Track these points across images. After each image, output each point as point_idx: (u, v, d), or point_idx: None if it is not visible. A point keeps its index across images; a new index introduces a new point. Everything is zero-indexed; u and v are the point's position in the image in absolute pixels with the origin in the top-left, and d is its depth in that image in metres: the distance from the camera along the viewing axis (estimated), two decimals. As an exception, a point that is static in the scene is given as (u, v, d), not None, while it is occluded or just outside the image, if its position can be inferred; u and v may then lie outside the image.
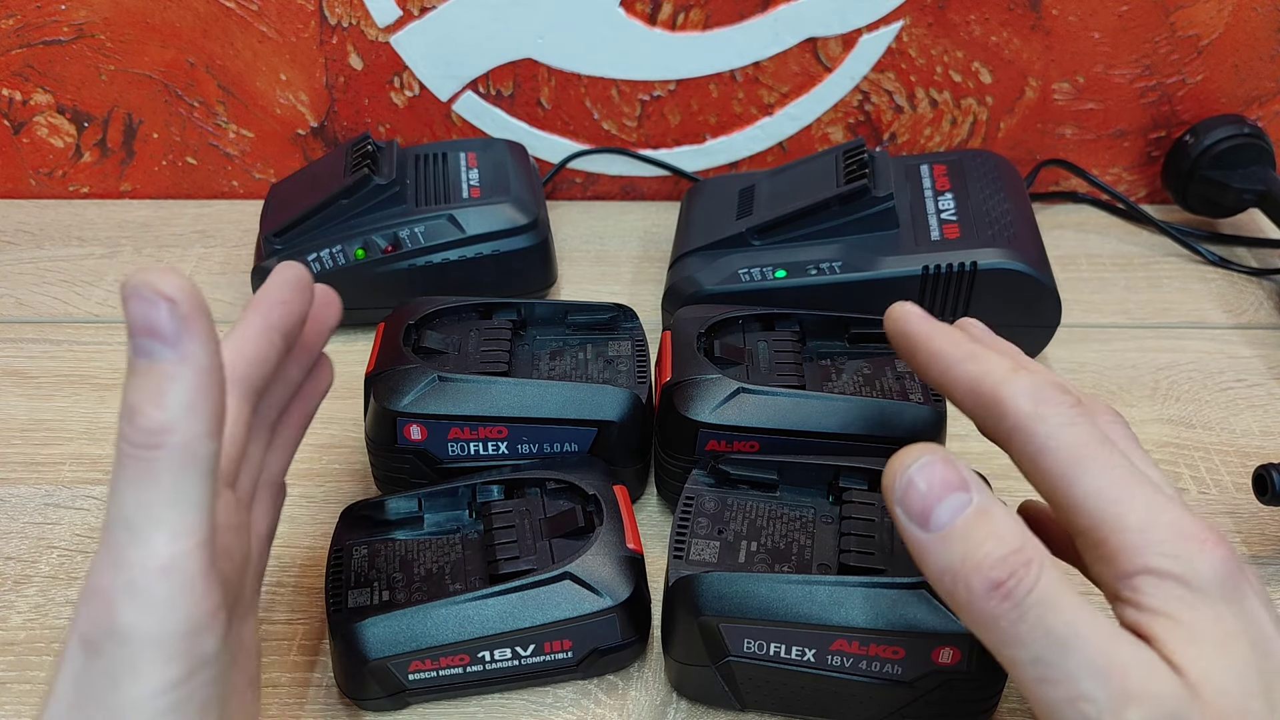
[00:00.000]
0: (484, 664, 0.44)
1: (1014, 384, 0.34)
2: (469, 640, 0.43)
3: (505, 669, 0.45)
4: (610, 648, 0.45)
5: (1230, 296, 0.70)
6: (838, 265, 0.61)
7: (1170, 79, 0.75)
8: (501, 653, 0.44)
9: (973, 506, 0.31)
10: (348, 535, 0.49)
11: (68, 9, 0.73)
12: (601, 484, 0.49)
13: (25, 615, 0.50)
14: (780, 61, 0.75)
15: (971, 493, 0.31)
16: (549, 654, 0.45)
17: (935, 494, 0.31)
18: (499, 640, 0.44)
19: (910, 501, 0.31)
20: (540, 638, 0.44)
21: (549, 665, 0.45)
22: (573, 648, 0.45)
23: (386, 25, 0.74)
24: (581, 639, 0.45)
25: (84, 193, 0.80)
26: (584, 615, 0.44)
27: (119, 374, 0.63)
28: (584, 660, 0.45)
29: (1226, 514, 0.55)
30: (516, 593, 0.44)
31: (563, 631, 0.44)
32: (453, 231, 0.65)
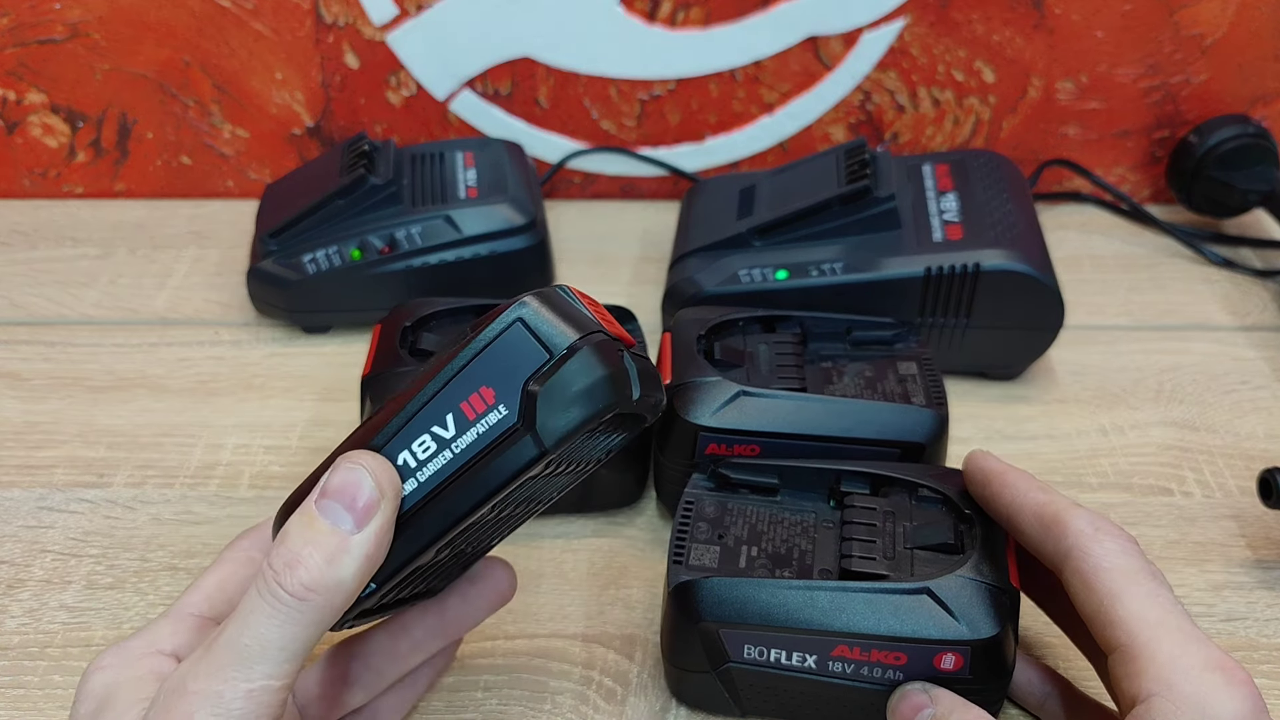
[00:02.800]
0: (413, 474, 0.36)
1: (1077, 510, 0.39)
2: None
3: (444, 469, 0.36)
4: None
5: (1235, 298, 0.70)
6: (839, 266, 0.60)
7: (1174, 78, 0.74)
8: (420, 444, 0.36)
9: (931, 718, 0.39)
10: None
11: (62, 8, 0.72)
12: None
13: (19, 620, 0.50)
14: (781, 60, 0.74)
15: (932, 708, 0.39)
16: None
17: (908, 715, 0.40)
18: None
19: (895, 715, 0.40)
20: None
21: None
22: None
23: (383, 24, 0.73)
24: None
25: (78, 193, 0.80)
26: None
27: (113, 376, 0.63)
28: (523, 410, 0.36)
29: (1231, 518, 0.55)
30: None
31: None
32: (450, 232, 0.65)
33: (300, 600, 0.31)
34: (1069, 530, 0.38)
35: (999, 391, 0.63)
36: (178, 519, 0.55)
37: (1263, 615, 0.50)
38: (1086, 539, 0.37)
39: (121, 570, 0.52)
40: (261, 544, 0.39)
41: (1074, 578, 0.37)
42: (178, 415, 0.61)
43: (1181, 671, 0.34)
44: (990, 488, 0.42)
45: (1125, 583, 0.36)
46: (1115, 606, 0.36)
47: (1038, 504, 0.40)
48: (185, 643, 0.36)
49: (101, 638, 0.49)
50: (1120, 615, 0.36)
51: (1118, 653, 0.35)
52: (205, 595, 0.38)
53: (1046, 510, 0.39)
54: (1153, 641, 0.35)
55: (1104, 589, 0.36)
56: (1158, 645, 0.34)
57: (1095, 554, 0.37)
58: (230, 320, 0.68)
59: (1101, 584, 0.36)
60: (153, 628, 0.37)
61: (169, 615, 0.37)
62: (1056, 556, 0.38)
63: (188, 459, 0.58)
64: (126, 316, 0.69)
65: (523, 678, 0.47)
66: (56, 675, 0.48)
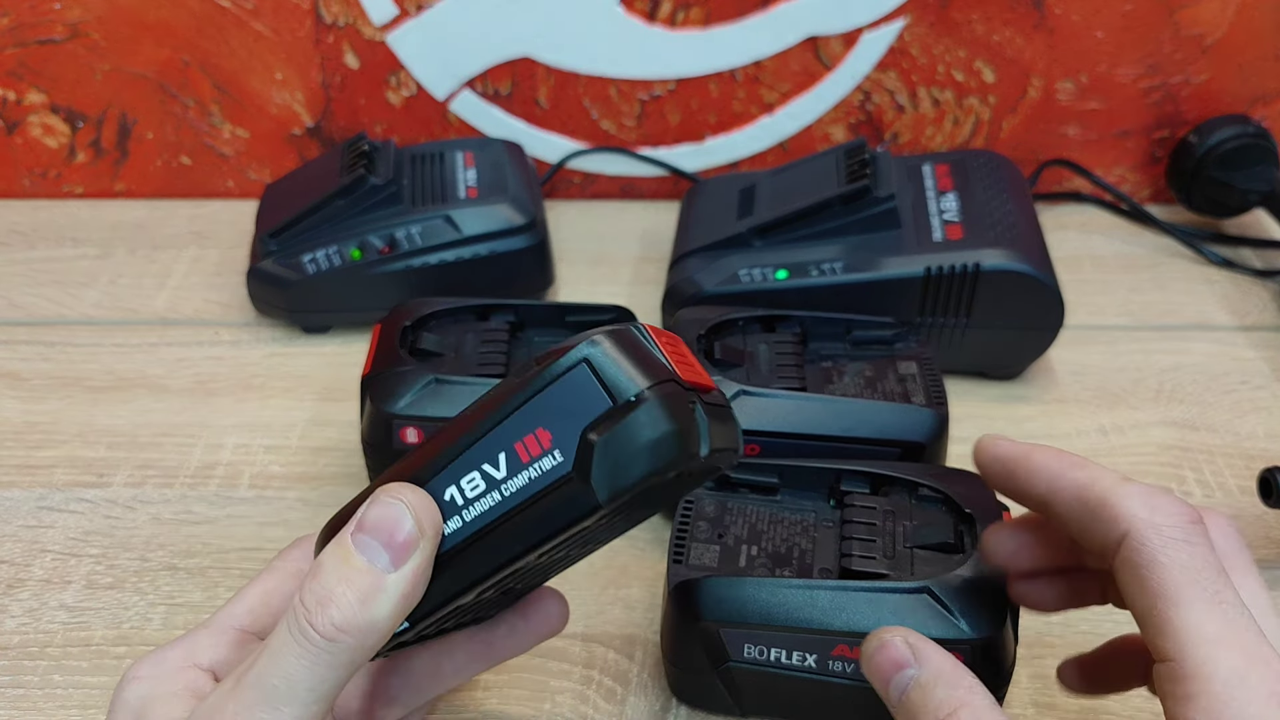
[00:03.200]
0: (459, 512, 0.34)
1: (1127, 488, 0.33)
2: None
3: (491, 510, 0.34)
4: (598, 418, 0.34)
5: (1235, 298, 0.70)
6: (839, 266, 0.60)
7: (1174, 78, 0.74)
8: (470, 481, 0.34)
9: (913, 682, 0.35)
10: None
11: (62, 8, 0.72)
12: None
13: (18, 619, 0.50)
14: (781, 60, 0.74)
15: (915, 666, 0.35)
16: (529, 462, 0.34)
17: (887, 673, 0.36)
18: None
19: (873, 678, 0.36)
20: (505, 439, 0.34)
21: (541, 483, 0.34)
22: (554, 441, 0.34)
23: (383, 24, 0.73)
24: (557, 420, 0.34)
25: (78, 193, 0.80)
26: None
27: (112, 376, 0.63)
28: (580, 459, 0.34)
29: (1231, 517, 0.55)
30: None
31: (530, 417, 0.34)
32: (450, 232, 0.65)
33: (331, 641, 0.30)
34: (1120, 514, 0.32)
35: (999, 391, 0.63)
36: (177, 519, 0.55)
37: (1263, 615, 0.50)
38: (1142, 524, 0.32)
39: (121, 570, 0.52)
40: (310, 559, 0.37)
41: (1124, 570, 0.32)
42: (177, 415, 0.61)
43: (1238, 704, 0.29)
44: (1016, 476, 0.37)
45: (1185, 582, 0.31)
46: (1170, 612, 0.31)
47: (1078, 484, 0.34)
48: (223, 657, 0.35)
49: (101, 637, 0.49)
50: (1175, 624, 0.30)
51: (1168, 666, 0.31)
52: (248, 607, 0.36)
53: (1091, 492, 0.33)
54: (1209, 662, 0.30)
55: (1157, 588, 0.31)
56: (1214, 667, 0.29)
57: (1153, 544, 0.31)
58: (230, 320, 0.68)
59: (1155, 582, 0.31)
60: (192, 638, 0.35)
61: (209, 626, 0.36)
62: (1107, 545, 0.33)
63: (187, 459, 0.58)
64: (126, 317, 0.69)
65: (523, 677, 0.47)
66: (56, 675, 0.48)
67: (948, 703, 0.34)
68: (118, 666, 0.48)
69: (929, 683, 0.34)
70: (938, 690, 0.34)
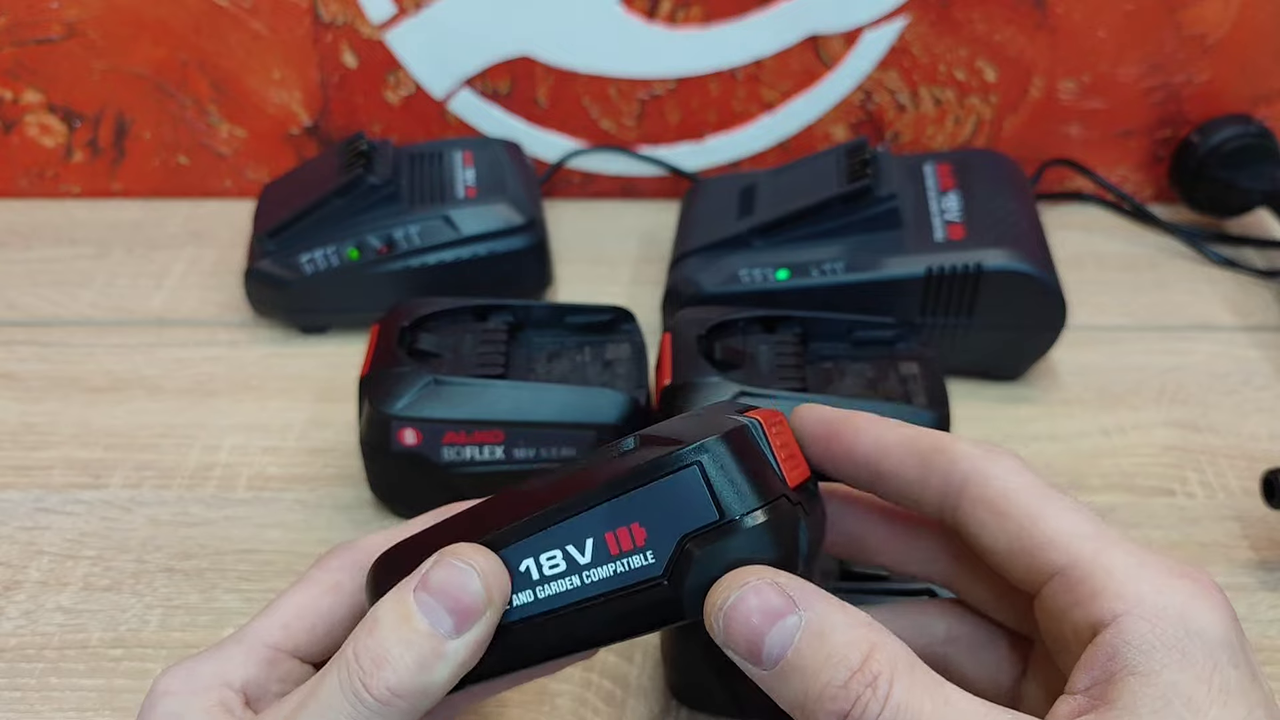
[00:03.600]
0: (531, 586, 0.31)
1: (955, 437, 0.32)
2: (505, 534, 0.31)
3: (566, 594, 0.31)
4: (707, 542, 0.29)
5: (1238, 298, 0.70)
6: (840, 266, 0.60)
7: (1177, 78, 0.74)
8: (550, 559, 0.30)
9: (803, 629, 0.27)
10: None
11: (59, 7, 0.72)
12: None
13: (15, 621, 0.50)
14: (781, 59, 0.74)
15: (799, 611, 0.27)
16: (618, 557, 0.30)
17: (757, 628, 0.27)
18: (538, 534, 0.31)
19: (735, 643, 0.28)
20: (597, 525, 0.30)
21: (624, 580, 0.30)
22: (648, 541, 0.29)
23: (381, 22, 0.73)
24: (657, 519, 0.29)
25: (75, 193, 0.80)
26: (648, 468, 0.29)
27: (110, 377, 0.63)
28: (674, 570, 0.29)
29: (1234, 519, 0.55)
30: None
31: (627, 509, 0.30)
32: (448, 232, 0.64)
33: (384, 705, 0.29)
34: (958, 456, 0.31)
35: (1001, 392, 0.63)
36: (175, 520, 0.55)
37: (1265, 616, 0.50)
38: (982, 460, 0.31)
39: (118, 572, 0.52)
40: (352, 569, 0.35)
41: (977, 507, 0.30)
42: (174, 416, 0.61)
43: (1148, 582, 0.28)
44: (842, 436, 0.34)
45: (1042, 500, 0.30)
46: (1042, 526, 0.29)
47: (908, 438, 0.32)
48: (254, 676, 0.33)
49: (98, 639, 0.49)
50: (1051, 535, 0.29)
51: (1059, 578, 0.29)
52: (283, 623, 0.34)
53: (922, 442, 0.32)
54: (1101, 555, 0.28)
55: (1021, 511, 0.30)
56: (1110, 559, 0.28)
57: (999, 475, 0.30)
58: (227, 320, 0.68)
59: (1017, 506, 0.30)
60: (224, 651, 0.34)
61: (242, 640, 0.34)
62: (947, 490, 0.31)
63: (185, 460, 0.58)
64: (123, 317, 0.68)
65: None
66: (53, 678, 0.47)
67: (857, 645, 0.27)
68: (115, 669, 0.48)
69: (823, 627, 0.27)
70: (836, 633, 0.27)
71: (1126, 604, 0.27)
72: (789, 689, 0.28)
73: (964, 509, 0.31)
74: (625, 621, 0.30)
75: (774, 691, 0.28)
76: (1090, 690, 0.27)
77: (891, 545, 0.35)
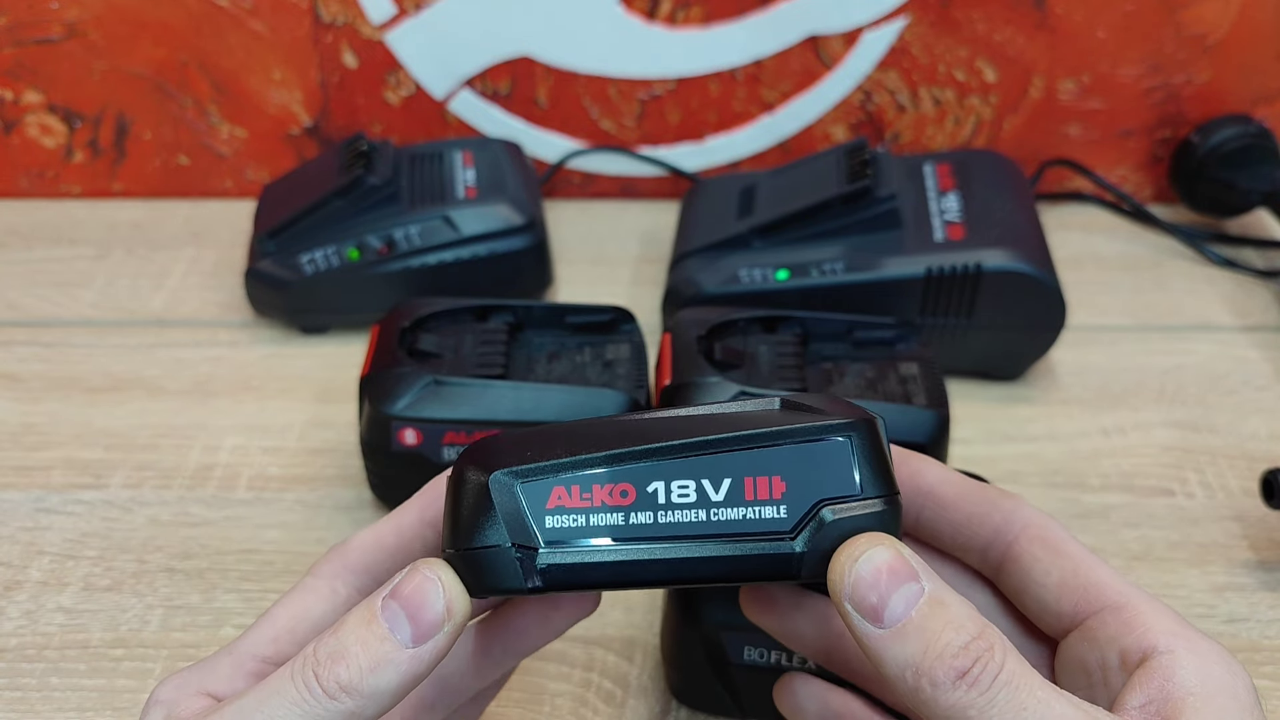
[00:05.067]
0: (655, 510, 0.30)
1: (1013, 496, 0.36)
2: (637, 453, 0.30)
3: (687, 525, 0.30)
4: (846, 509, 0.30)
5: (1237, 298, 0.70)
6: (840, 266, 0.60)
7: (1176, 78, 0.74)
8: (683, 490, 0.30)
9: (926, 596, 0.29)
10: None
11: (59, 7, 0.72)
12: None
13: (16, 622, 0.50)
14: (781, 59, 0.74)
15: (923, 581, 0.29)
16: (751, 503, 0.30)
17: (886, 587, 0.29)
18: (681, 454, 0.30)
19: (860, 598, 0.29)
20: (740, 466, 0.30)
21: (752, 529, 0.30)
22: (785, 496, 0.30)
23: (381, 23, 0.73)
24: (799, 478, 0.30)
25: (75, 193, 0.80)
26: (802, 430, 0.30)
27: (109, 377, 0.63)
28: (803, 527, 0.30)
29: (1233, 519, 0.55)
30: (707, 409, 0.32)
31: (772, 459, 0.30)
32: (448, 232, 0.64)
33: (331, 699, 0.29)
34: (1021, 503, 0.35)
35: (1001, 392, 0.63)
36: (175, 520, 0.55)
37: (1265, 617, 0.50)
38: (1040, 514, 0.35)
39: (119, 572, 0.52)
40: (345, 573, 0.36)
41: (1034, 544, 0.34)
42: (175, 416, 0.61)
43: (1192, 629, 0.31)
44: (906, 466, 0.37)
45: (1093, 556, 0.34)
46: (1097, 570, 0.33)
47: (973, 481, 0.36)
48: (238, 690, 0.33)
49: (99, 640, 0.49)
50: (1106, 578, 0.33)
51: (1109, 610, 0.32)
52: (272, 636, 0.34)
53: (988, 487, 0.36)
54: (1151, 601, 0.32)
55: (1078, 555, 0.34)
56: (1157, 605, 0.32)
57: (1055, 527, 0.35)
58: (228, 321, 0.68)
59: (1074, 550, 0.34)
60: (213, 663, 0.34)
61: (232, 652, 0.34)
62: (1005, 528, 0.35)
63: (185, 460, 0.58)
64: (123, 317, 0.68)
65: (521, 680, 0.47)
66: (54, 678, 0.47)
67: (973, 619, 0.29)
68: (115, 669, 0.48)
69: (943, 597, 0.29)
70: (955, 606, 0.29)
71: (1178, 640, 0.31)
72: (905, 648, 0.29)
73: (1020, 545, 0.34)
74: (734, 566, 0.30)
75: (883, 651, 0.29)
76: (1146, 708, 0.30)
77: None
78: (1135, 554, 0.53)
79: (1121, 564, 0.52)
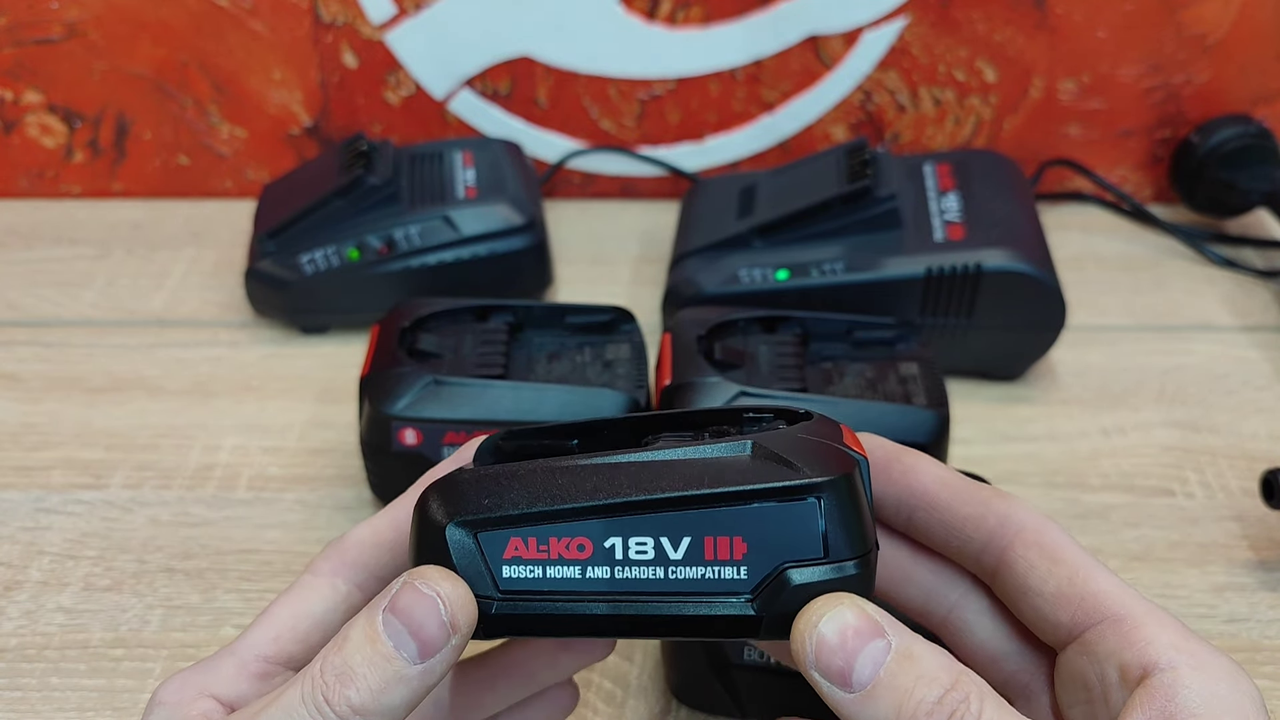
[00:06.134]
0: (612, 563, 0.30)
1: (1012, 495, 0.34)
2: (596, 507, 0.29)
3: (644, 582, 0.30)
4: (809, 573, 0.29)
5: (1237, 298, 0.70)
6: (840, 266, 0.60)
7: (1176, 78, 0.74)
8: (640, 547, 0.30)
9: (894, 651, 0.28)
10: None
11: (59, 7, 0.72)
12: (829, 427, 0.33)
13: (16, 622, 0.50)
14: (781, 59, 0.74)
15: (889, 636, 0.28)
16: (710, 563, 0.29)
17: (851, 649, 0.28)
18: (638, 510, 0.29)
19: (826, 665, 0.28)
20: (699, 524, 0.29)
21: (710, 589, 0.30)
22: (746, 558, 0.29)
23: (381, 23, 0.73)
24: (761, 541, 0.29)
25: (75, 193, 0.80)
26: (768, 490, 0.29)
27: (110, 377, 0.63)
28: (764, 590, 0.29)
29: (1233, 519, 0.55)
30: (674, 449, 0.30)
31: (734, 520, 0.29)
32: (448, 232, 0.64)
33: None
34: (1017, 505, 0.33)
35: (1000, 392, 0.63)
36: (175, 520, 0.55)
37: (1265, 617, 0.50)
38: (1037, 516, 0.33)
39: (119, 572, 0.52)
40: (344, 569, 0.35)
41: (1031, 550, 0.32)
42: (175, 416, 0.61)
43: (1197, 641, 0.30)
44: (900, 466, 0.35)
45: (1092, 560, 0.32)
46: (1096, 578, 0.31)
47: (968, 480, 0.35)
48: (243, 691, 0.33)
49: (99, 639, 0.49)
50: (1106, 587, 0.31)
51: (1109, 623, 0.31)
52: (274, 635, 0.34)
53: (982, 487, 0.34)
54: (1154, 613, 0.30)
55: (1076, 562, 0.32)
56: (1162, 617, 0.30)
57: (1053, 530, 0.33)
58: (228, 321, 0.68)
59: (1072, 557, 0.32)
60: (216, 663, 0.34)
61: (234, 652, 0.34)
62: (1001, 531, 0.33)
63: (185, 460, 0.58)
64: (123, 317, 0.68)
65: (522, 680, 0.47)
66: (54, 678, 0.47)
67: (946, 669, 0.28)
68: (115, 669, 0.48)
69: (911, 650, 0.28)
70: (926, 658, 0.28)
71: (1181, 654, 0.29)
72: (879, 709, 0.28)
73: (1015, 550, 0.32)
74: (691, 625, 0.29)
75: (859, 715, 0.28)
76: None
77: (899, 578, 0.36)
78: (1135, 554, 0.53)
79: (1121, 564, 0.52)
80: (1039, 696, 0.34)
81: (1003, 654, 0.35)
